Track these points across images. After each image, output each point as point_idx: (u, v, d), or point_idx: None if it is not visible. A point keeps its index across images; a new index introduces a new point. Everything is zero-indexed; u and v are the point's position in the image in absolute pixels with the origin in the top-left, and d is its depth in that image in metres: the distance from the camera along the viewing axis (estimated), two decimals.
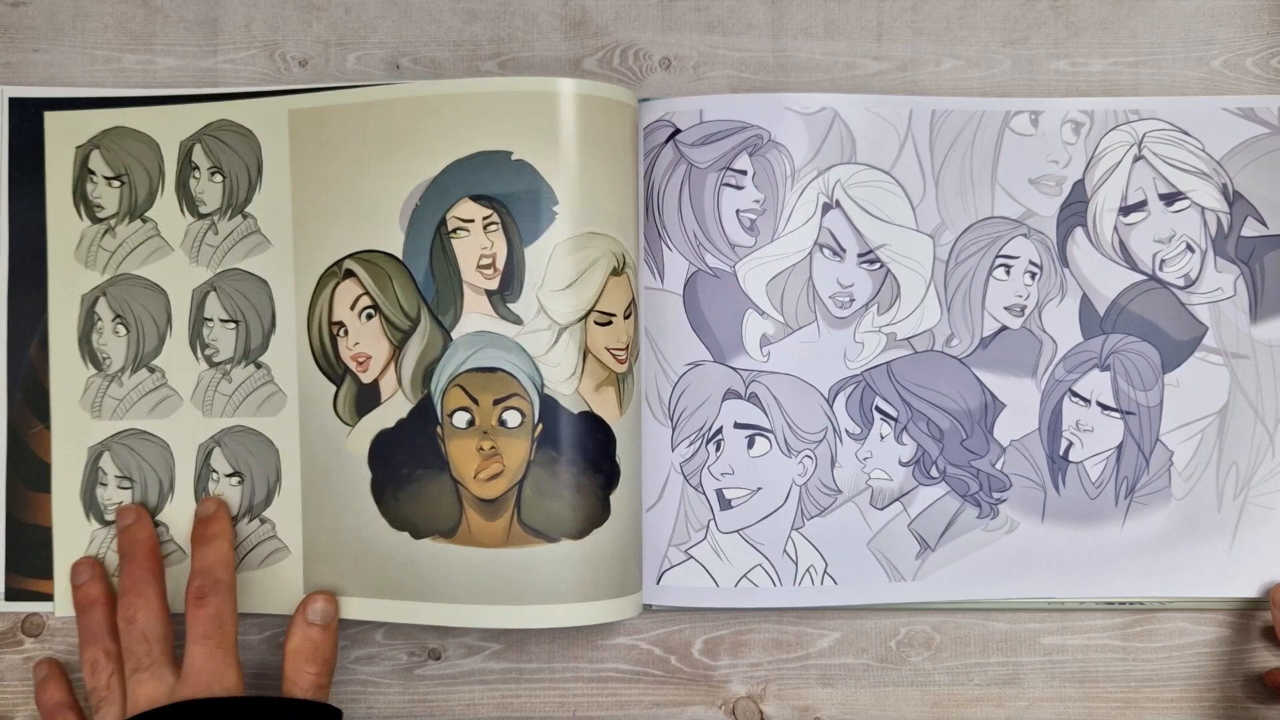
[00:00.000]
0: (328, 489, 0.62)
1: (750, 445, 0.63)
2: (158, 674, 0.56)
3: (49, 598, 0.64)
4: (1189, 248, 0.64)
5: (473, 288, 0.60)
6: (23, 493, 0.64)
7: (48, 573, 0.64)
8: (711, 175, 0.64)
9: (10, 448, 0.64)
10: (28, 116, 0.65)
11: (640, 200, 0.63)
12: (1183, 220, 0.64)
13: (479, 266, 0.60)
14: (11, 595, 0.64)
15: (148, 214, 0.64)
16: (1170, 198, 0.64)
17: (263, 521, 0.63)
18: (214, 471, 0.63)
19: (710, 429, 0.64)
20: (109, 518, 0.63)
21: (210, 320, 0.64)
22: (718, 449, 0.64)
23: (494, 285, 0.60)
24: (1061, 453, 0.64)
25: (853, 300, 0.64)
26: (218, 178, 0.64)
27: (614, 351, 0.61)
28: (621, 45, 0.66)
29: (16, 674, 0.64)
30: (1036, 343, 0.64)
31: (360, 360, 0.61)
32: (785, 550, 0.63)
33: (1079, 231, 0.64)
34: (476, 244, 0.60)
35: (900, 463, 0.64)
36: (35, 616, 0.64)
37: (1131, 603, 0.63)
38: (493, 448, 0.60)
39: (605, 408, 0.60)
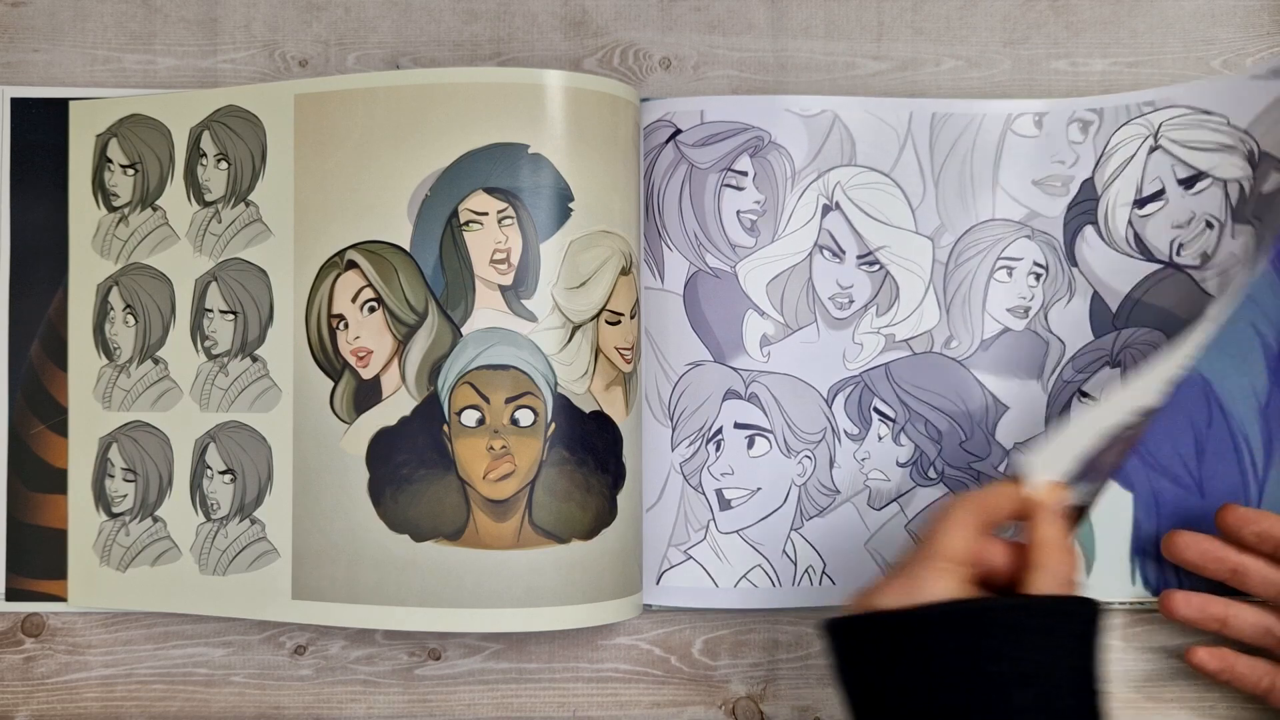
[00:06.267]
0: (320, 489, 0.60)
1: (750, 445, 0.63)
2: None
3: (50, 598, 0.63)
4: (1208, 224, 0.63)
5: (485, 283, 0.59)
6: (23, 493, 0.64)
7: (49, 573, 0.63)
8: (712, 176, 0.64)
9: (11, 448, 0.64)
10: (38, 113, 0.64)
11: (641, 200, 0.63)
12: (1203, 200, 0.63)
13: (493, 261, 0.59)
14: (12, 595, 0.64)
15: (158, 202, 0.64)
16: (1190, 180, 0.63)
17: (253, 522, 0.62)
18: (208, 468, 0.62)
19: (710, 429, 0.64)
20: (116, 510, 0.63)
21: (210, 311, 0.63)
22: (717, 449, 0.63)
23: (508, 281, 0.59)
24: None
25: (852, 301, 0.64)
26: (223, 165, 0.63)
27: (621, 351, 0.61)
28: (621, 45, 0.66)
29: (16, 674, 0.64)
30: (1042, 344, 0.64)
31: (360, 355, 0.60)
32: (784, 551, 0.63)
33: (1089, 229, 0.64)
34: (490, 238, 0.59)
35: (898, 464, 0.63)
36: (35, 616, 0.64)
37: (1148, 604, 0.63)
38: (504, 447, 0.59)
39: (613, 407, 0.60)
